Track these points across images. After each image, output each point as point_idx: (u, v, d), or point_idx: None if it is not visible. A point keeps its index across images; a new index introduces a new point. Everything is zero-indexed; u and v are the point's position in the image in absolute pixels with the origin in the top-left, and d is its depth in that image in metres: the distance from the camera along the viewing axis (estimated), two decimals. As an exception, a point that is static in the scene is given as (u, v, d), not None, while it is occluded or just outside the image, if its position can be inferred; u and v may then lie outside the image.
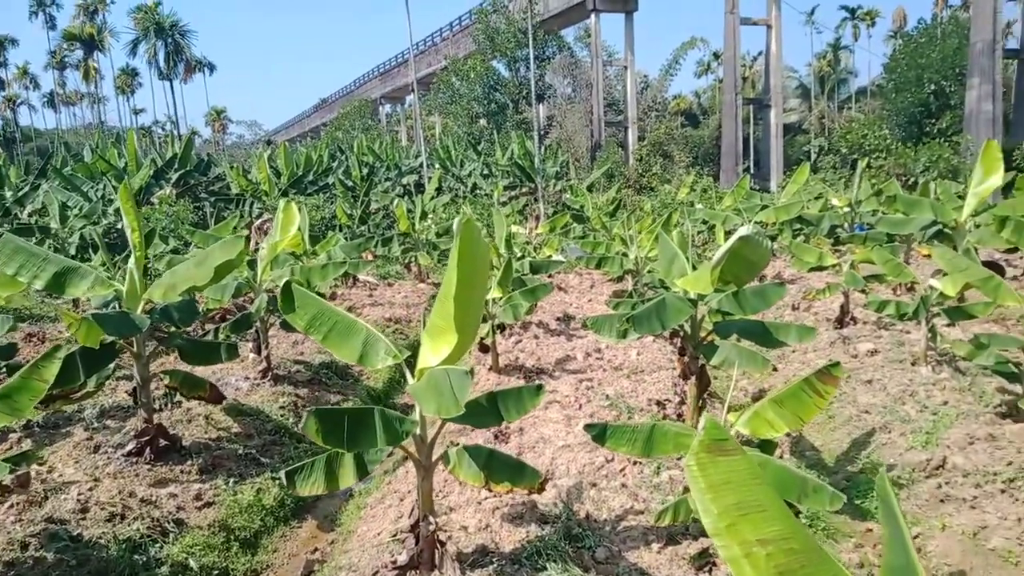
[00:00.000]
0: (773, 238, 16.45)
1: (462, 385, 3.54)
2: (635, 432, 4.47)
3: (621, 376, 9.20)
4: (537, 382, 6.46)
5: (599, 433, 4.49)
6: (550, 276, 16.36)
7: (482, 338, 9.45)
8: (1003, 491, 5.67)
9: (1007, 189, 13.66)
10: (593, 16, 42.46)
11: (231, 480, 6.67)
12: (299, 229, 9.07)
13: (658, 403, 8.09)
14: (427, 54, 58.83)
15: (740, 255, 5.71)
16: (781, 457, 6.86)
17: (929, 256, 11.72)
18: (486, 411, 4.39)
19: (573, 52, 45.59)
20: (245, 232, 13.06)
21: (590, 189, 27.66)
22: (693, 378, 6.78)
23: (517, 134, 32.17)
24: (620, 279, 15.05)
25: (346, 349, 4.60)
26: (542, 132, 39.36)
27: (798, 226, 15.85)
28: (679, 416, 7.35)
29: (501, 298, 9.04)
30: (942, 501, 5.84)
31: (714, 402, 8.55)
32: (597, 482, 5.93)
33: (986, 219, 10.24)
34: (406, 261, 19.13)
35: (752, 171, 43.56)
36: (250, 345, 10.05)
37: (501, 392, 4.55)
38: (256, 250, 10.75)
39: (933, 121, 33.27)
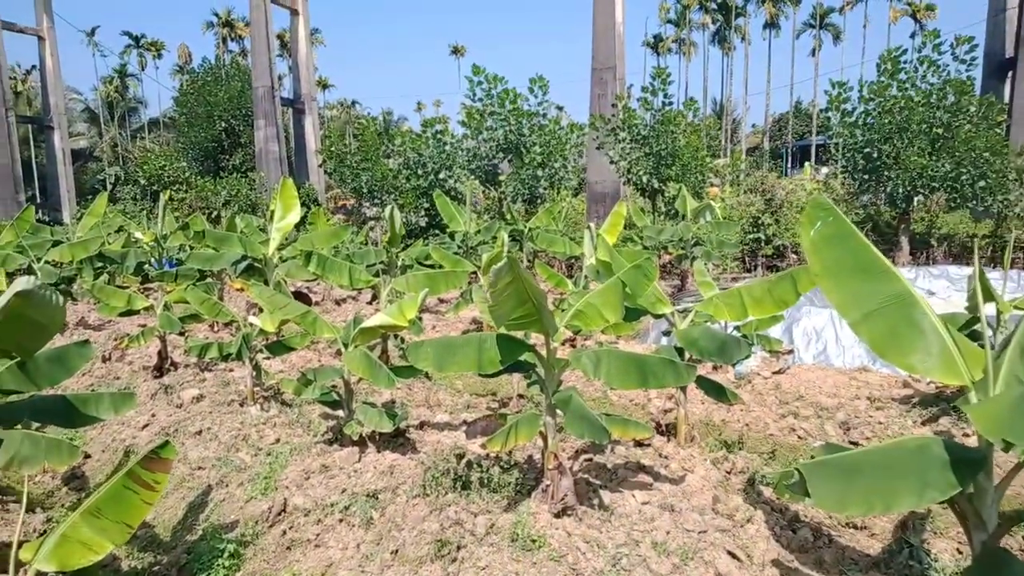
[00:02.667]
0: (71, 279, 14.21)
1: None
2: None
3: None
4: None
5: None
6: None
7: None
8: (341, 520, 5.79)
9: (302, 223, 15.16)
10: None
11: None
12: None
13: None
14: None
15: (21, 316, 4.22)
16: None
17: (242, 290, 11.93)
18: None
19: None
20: None
21: None
22: (-37, 493, 4.78)
23: None
24: None
25: None
26: None
27: (100, 264, 14.10)
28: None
29: None
30: (289, 548, 5.62)
31: (8, 505, 6.54)
32: None
33: (291, 252, 10.94)
34: None
35: (39, 200, 38.30)
36: None
37: None
38: None
39: (227, 157, 35.31)
